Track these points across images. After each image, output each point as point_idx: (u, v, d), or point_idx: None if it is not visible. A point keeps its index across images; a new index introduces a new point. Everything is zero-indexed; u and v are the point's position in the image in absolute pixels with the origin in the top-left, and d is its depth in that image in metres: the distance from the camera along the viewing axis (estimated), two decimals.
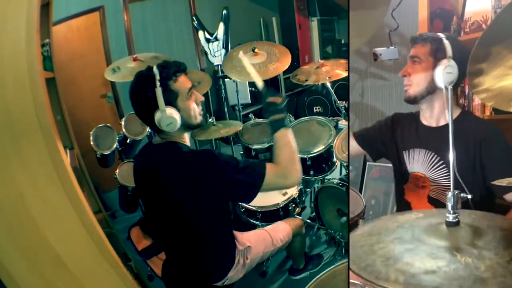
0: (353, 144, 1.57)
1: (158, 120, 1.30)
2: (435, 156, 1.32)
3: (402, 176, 1.45)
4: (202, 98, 1.43)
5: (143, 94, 1.30)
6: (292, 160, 1.33)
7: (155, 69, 1.31)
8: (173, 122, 1.31)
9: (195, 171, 1.32)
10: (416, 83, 1.30)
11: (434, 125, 1.36)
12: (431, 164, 1.33)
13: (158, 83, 1.28)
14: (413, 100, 1.34)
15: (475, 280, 0.64)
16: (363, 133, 1.58)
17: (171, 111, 1.30)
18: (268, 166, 1.31)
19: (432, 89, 1.28)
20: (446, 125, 1.27)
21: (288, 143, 1.35)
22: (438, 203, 1.33)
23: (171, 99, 1.32)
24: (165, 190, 1.38)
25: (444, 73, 1.18)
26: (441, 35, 1.26)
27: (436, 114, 1.34)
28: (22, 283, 1.13)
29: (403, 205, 1.47)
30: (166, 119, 1.30)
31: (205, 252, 1.50)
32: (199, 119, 1.42)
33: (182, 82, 1.35)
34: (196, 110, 1.41)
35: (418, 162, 1.38)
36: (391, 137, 1.48)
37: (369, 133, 1.57)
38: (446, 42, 1.21)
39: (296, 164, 1.34)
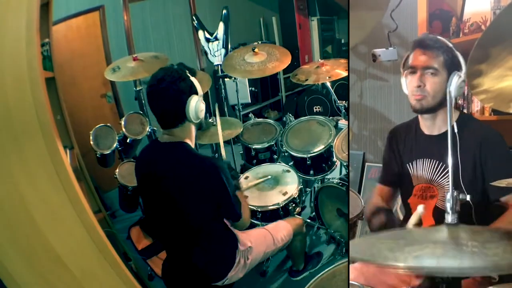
0: (385, 189, 1.52)
1: (195, 104, 1.37)
2: (441, 164, 1.30)
3: (407, 189, 1.42)
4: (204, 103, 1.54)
5: (178, 83, 1.35)
6: (247, 212, 1.56)
7: (179, 66, 1.42)
8: (204, 109, 1.43)
9: (199, 178, 1.36)
10: (432, 96, 1.26)
11: (436, 133, 1.34)
12: (437, 173, 1.31)
13: (189, 74, 1.40)
14: (425, 111, 1.30)
15: (487, 254, 0.64)
16: (385, 175, 1.54)
17: (202, 99, 1.42)
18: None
19: (445, 101, 1.24)
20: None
21: (243, 198, 1.58)
22: (443, 213, 1.31)
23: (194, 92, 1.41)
24: (168, 189, 1.40)
25: (458, 86, 1.16)
26: (449, 43, 1.23)
27: (438, 122, 1.32)
28: (22, 283, 1.13)
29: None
30: (201, 104, 1.40)
31: (205, 252, 1.50)
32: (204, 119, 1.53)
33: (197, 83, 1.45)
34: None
35: (423, 172, 1.35)
36: (397, 153, 1.46)
37: (387, 169, 1.53)
38: (458, 54, 1.18)
39: (249, 215, 1.59)
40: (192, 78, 1.40)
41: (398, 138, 1.47)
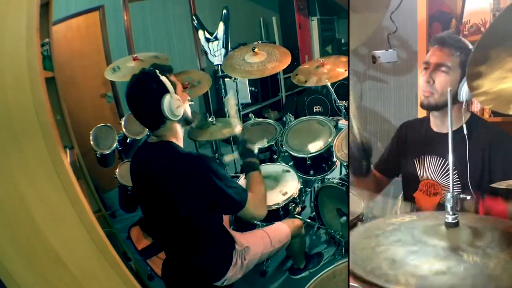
0: (379, 177, 1.50)
1: (168, 103, 1.35)
2: (446, 162, 1.28)
3: (412, 184, 1.42)
4: (188, 97, 1.53)
5: (148, 86, 1.35)
6: (263, 198, 1.53)
7: (150, 67, 1.41)
8: (180, 105, 1.40)
9: (188, 175, 1.36)
10: (440, 93, 1.24)
11: (444, 131, 1.32)
12: (442, 171, 1.31)
13: (160, 75, 1.38)
14: (432, 108, 1.29)
15: (489, 277, 0.63)
16: (382, 162, 1.52)
17: (177, 96, 1.39)
18: (249, 194, 1.45)
19: (455, 100, 1.23)
20: (457, 130, 1.23)
21: (260, 183, 1.54)
22: None
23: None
24: (159, 188, 1.41)
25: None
26: (470, 45, 1.21)
27: (448, 121, 1.32)
28: (22, 283, 1.13)
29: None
30: (175, 102, 1.38)
31: (201, 252, 1.50)
32: (190, 115, 1.51)
33: (174, 78, 1.44)
34: (188, 107, 1.50)
35: (429, 169, 1.35)
36: (403, 147, 1.45)
37: (386, 158, 1.52)
38: None
39: (265, 202, 1.55)
40: (163, 78, 1.37)
41: (407, 132, 1.46)
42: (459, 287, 0.63)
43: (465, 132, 1.12)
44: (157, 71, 1.38)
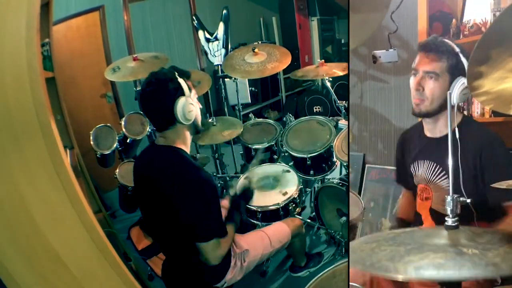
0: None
1: (182, 106, 1.35)
2: (438, 166, 1.30)
3: (412, 189, 1.44)
4: (201, 106, 1.51)
5: (165, 85, 1.35)
6: (225, 251, 1.45)
7: (170, 69, 1.41)
8: (193, 110, 1.41)
9: (187, 185, 1.36)
10: (431, 100, 1.25)
11: (437, 135, 1.33)
12: (434, 175, 1.31)
13: (178, 77, 1.38)
14: (424, 115, 1.30)
15: (487, 264, 0.63)
16: (399, 175, 1.55)
17: (191, 100, 1.40)
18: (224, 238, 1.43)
19: (445, 106, 1.24)
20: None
21: (229, 240, 1.48)
22: (439, 215, 1.30)
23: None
24: (160, 191, 1.41)
25: (461, 93, 1.15)
26: (456, 48, 1.22)
27: (440, 126, 1.32)
28: (22, 283, 1.13)
29: (415, 218, 1.45)
30: (189, 106, 1.38)
31: (199, 255, 1.50)
32: (200, 123, 1.50)
33: (191, 84, 1.44)
34: (200, 114, 1.49)
35: (422, 173, 1.36)
36: (403, 156, 1.47)
37: (399, 169, 1.54)
38: (463, 59, 1.17)
39: (223, 255, 1.45)
40: (180, 80, 1.38)
41: (405, 141, 1.48)
42: (457, 275, 0.63)
43: (457, 135, 1.12)
44: (176, 73, 1.39)
